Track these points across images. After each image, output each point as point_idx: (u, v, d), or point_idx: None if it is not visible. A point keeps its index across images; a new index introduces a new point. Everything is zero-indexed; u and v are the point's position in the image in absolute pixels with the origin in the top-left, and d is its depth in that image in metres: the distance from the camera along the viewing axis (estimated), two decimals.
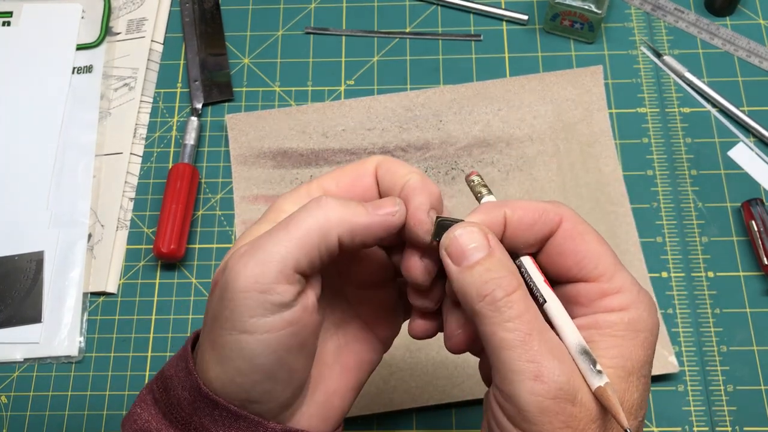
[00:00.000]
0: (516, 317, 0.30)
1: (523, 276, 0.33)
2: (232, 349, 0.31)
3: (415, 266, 0.33)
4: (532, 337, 0.29)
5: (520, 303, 0.30)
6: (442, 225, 0.33)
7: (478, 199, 0.35)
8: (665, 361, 0.53)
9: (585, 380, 0.30)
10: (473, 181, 0.36)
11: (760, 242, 0.55)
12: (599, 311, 0.32)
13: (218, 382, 0.32)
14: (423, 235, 0.32)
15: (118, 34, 0.67)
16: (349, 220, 0.32)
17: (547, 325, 0.31)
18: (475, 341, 0.34)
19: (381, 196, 0.35)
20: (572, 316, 0.32)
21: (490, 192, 0.35)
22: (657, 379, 0.54)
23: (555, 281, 0.34)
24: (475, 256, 0.31)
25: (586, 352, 0.30)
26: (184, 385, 0.33)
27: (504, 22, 0.67)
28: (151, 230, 0.60)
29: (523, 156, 0.60)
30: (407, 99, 0.62)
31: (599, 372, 0.30)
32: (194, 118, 0.63)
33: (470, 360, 0.53)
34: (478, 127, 0.61)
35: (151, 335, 0.57)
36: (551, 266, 0.34)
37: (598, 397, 0.29)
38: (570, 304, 0.33)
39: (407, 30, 0.67)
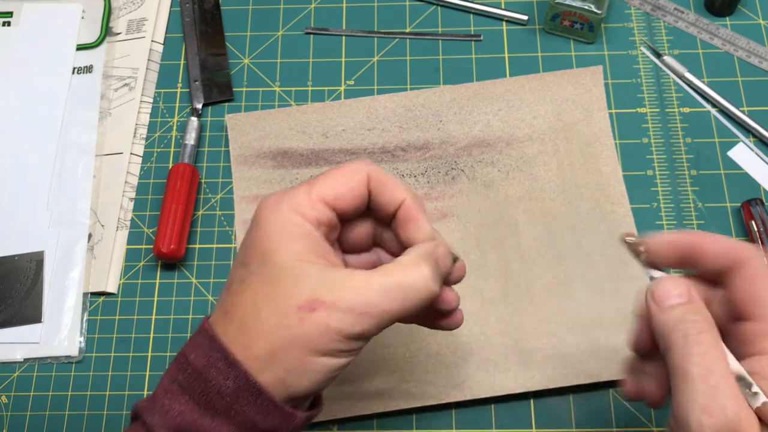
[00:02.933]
0: (702, 353, 0.33)
1: None
2: (320, 368, 0.35)
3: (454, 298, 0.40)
4: (713, 374, 0.32)
5: (709, 343, 0.33)
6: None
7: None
8: None
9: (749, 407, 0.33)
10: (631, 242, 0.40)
11: (759, 242, 0.55)
12: (756, 353, 0.35)
13: (268, 383, 0.35)
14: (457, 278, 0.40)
15: (119, 34, 0.67)
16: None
17: (729, 368, 0.33)
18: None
19: (373, 206, 0.39)
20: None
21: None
22: None
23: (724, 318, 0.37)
24: (675, 301, 0.36)
25: (742, 378, 0.33)
26: (226, 375, 0.35)
27: (504, 23, 0.67)
28: (151, 230, 0.61)
29: (523, 156, 0.60)
30: (407, 99, 0.62)
31: (755, 394, 0.33)
32: (194, 118, 0.63)
33: (470, 360, 0.54)
34: (478, 127, 0.61)
35: (151, 335, 0.57)
36: (728, 301, 0.37)
37: (759, 414, 0.32)
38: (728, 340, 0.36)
39: (407, 30, 0.67)
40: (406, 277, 0.36)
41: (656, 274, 0.39)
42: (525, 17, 0.66)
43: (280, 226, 0.36)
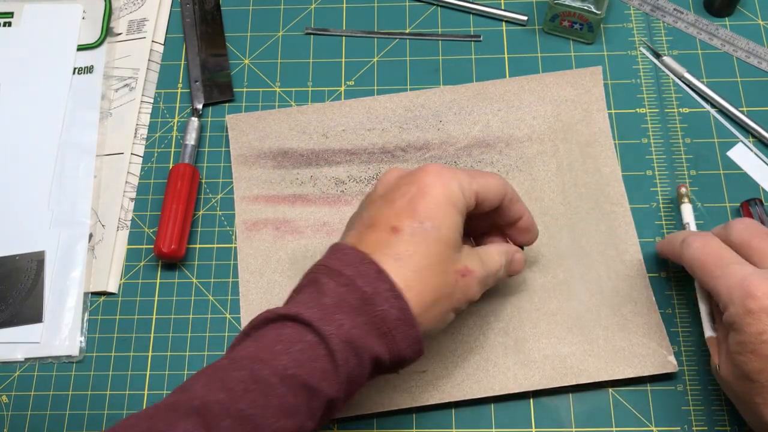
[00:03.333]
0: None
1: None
2: (447, 318, 0.45)
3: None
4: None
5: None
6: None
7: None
8: (664, 361, 0.53)
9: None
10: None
11: None
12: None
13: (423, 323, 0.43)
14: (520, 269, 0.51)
15: (119, 34, 0.68)
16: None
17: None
18: None
19: (500, 213, 0.49)
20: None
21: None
22: (656, 378, 0.54)
23: None
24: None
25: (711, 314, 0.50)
26: (392, 305, 0.41)
27: (504, 23, 0.67)
28: (151, 230, 0.61)
29: (523, 156, 0.60)
30: (407, 99, 0.62)
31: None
32: (195, 119, 0.63)
33: (469, 359, 0.54)
34: (477, 128, 0.61)
35: (152, 335, 0.57)
36: None
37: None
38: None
39: (407, 30, 0.67)
40: (497, 264, 0.48)
41: (688, 218, 0.56)
42: (524, 18, 0.66)
43: (450, 200, 0.44)
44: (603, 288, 0.56)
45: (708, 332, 0.50)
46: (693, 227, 0.56)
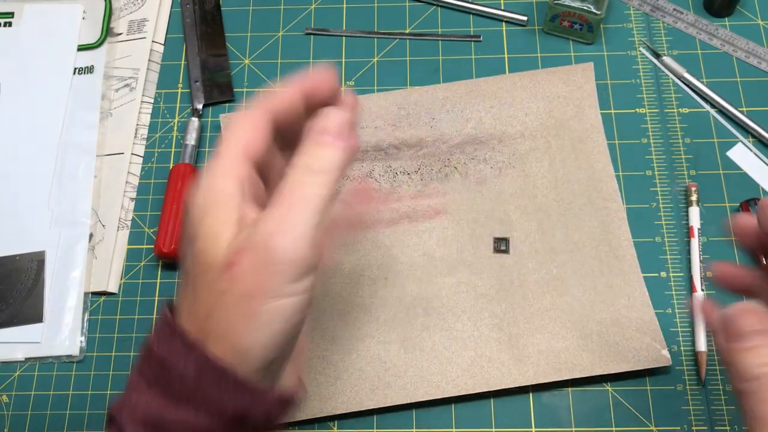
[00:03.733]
0: None
1: None
2: (269, 317, 0.33)
3: None
4: None
5: None
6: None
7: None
8: (658, 355, 0.53)
9: None
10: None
11: None
12: None
13: (230, 356, 0.33)
14: None
15: (119, 34, 0.68)
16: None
17: None
18: None
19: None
20: None
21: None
22: (655, 378, 0.54)
23: None
24: (753, 341, 0.32)
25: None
26: (186, 359, 0.33)
27: (503, 23, 0.67)
28: (152, 230, 0.61)
29: (516, 153, 0.60)
30: (400, 97, 0.62)
31: None
32: (195, 119, 0.63)
33: (463, 356, 0.54)
34: (470, 125, 0.61)
35: None
36: None
37: None
38: None
39: (407, 31, 0.67)
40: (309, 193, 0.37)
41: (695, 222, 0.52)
42: (524, 18, 0.66)
43: (216, 200, 0.34)
44: (596, 283, 0.56)
45: (702, 347, 0.54)
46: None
